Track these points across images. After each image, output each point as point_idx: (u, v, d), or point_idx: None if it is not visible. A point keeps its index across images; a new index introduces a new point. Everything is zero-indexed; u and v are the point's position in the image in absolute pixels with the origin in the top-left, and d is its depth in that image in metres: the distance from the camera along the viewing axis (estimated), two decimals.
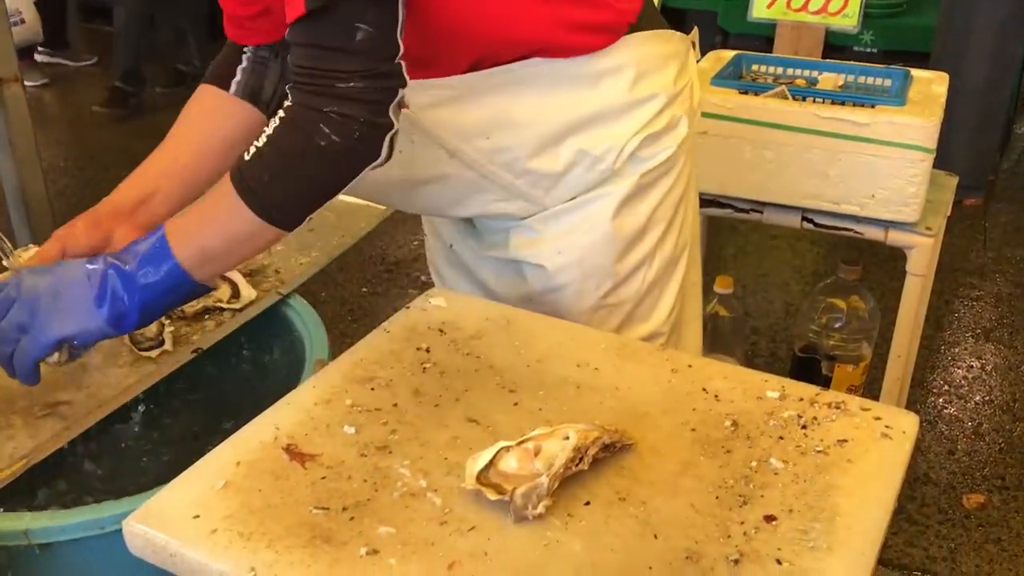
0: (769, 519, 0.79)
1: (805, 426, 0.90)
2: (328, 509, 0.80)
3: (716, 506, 0.80)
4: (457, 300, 1.11)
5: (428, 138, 1.08)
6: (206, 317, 1.26)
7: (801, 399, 0.93)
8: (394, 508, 0.80)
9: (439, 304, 1.09)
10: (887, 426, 0.89)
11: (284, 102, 0.91)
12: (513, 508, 0.78)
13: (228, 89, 1.17)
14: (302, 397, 0.94)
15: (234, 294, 1.28)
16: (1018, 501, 2.21)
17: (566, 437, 0.83)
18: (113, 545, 0.87)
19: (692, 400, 0.94)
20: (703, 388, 0.95)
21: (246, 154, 0.92)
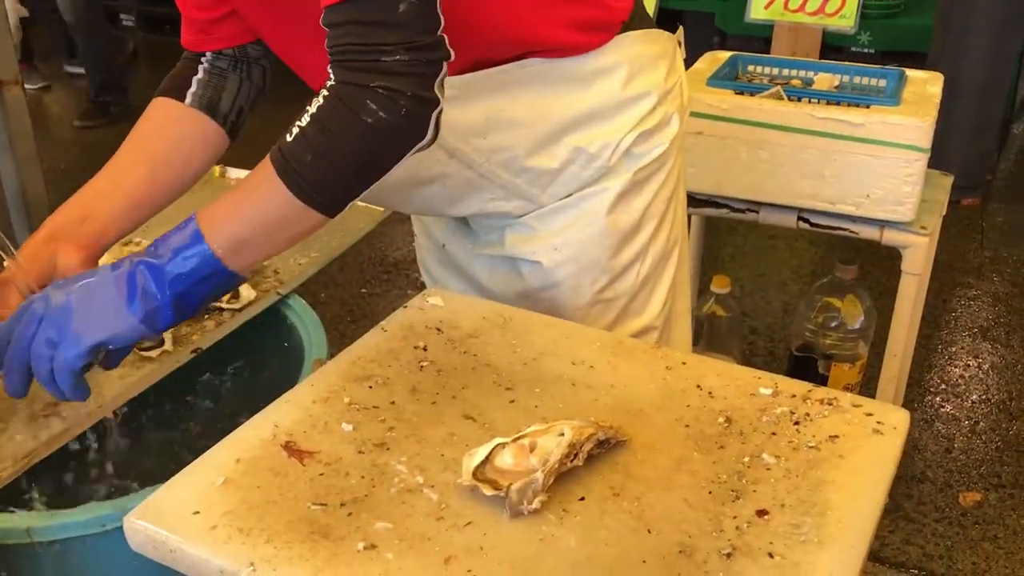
0: (761, 514, 0.80)
1: (797, 422, 0.91)
2: (326, 505, 0.81)
3: (709, 501, 0.81)
4: (454, 299, 1.12)
5: None
6: (206, 317, 1.27)
7: (793, 396, 0.94)
8: (391, 504, 0.81)
9: (436, 303, 1.10)
10: (878, 422, 0.90)
11: (327, 82, 0.88)
12: (509, 503, 0.79)
13: (183, 100, 1.15)
14: (301, 395, 0.95)
15: (234, 294, 1.29)
16: (1014, 499, 2.22)
17: (561, 433, 0.84)
18: (114, 543, 0.88)
19: (686, 397, 0.95)
20: (697, 385, 0.96)
21: (288, 135, 0.89)
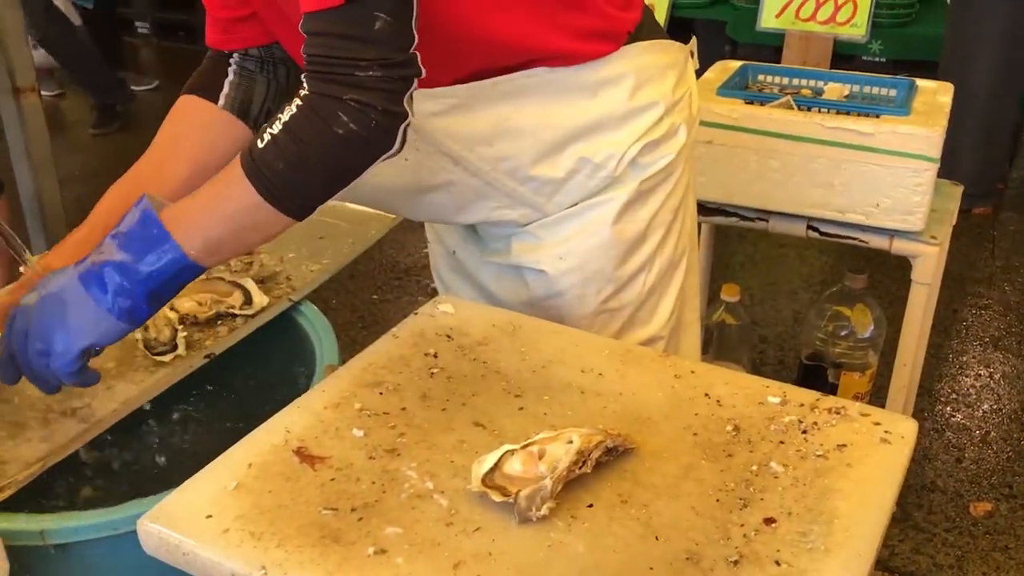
0: (768, 521, 0.80)
1: (805, 431, 0.91)
2: (337, 510, 0.82)
3: (717, 509, 0.82)
4: (464, 307, 1.13)
5: (433, 146, 1.10)
6: (219, 323, 1.28)
7: (802, 404, 0.95)
8: (401, 509, 0.82)
9: (447, 310, 1.11)
10: (886, 431, 0.90)
11: (299, 91, 0.91)
12: (517, 510, 0.80)
13: (216, 102, 1.17)
14: (312, 401, 0.96)
15: (246, 300, 1.30)
16: None
17: (570, 441, 0.85)
18: (127, 546, 0.89)
19: (694, 405, 0.95)
20: (705, 393, 0.97)
21: (259, 142, 0.91)
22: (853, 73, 2.09)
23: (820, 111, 1.90)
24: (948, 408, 2.57)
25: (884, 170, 1.80)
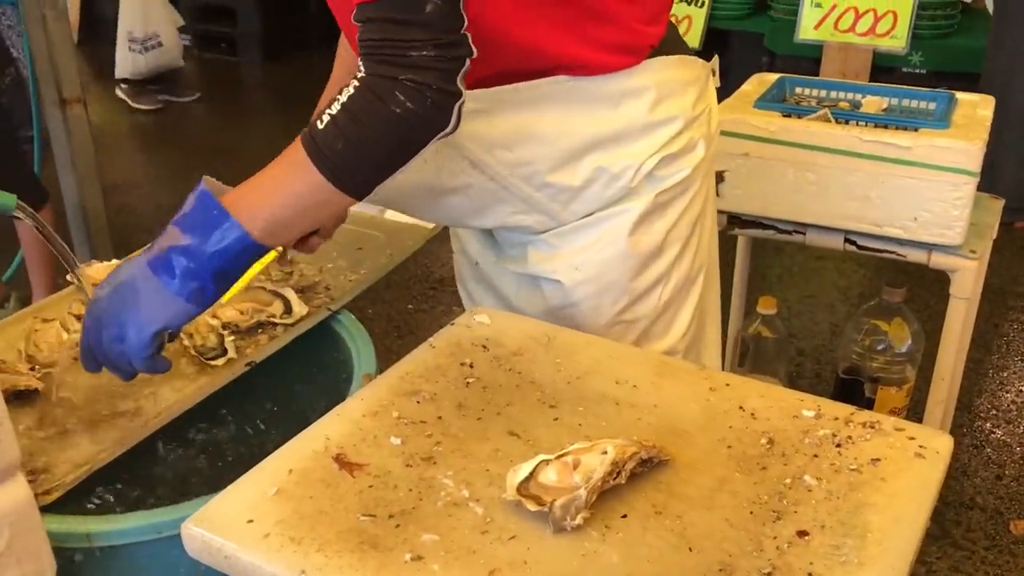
0: (802, 534, 0.81)
1: (839, 445, 0.91)
2: (375, 516, 0.83)
3: (750, 521, 0.82)
4: (500, 317, 1.15)
5: (453, 148, 1.12)
6: (259, 332, 1.31)
7: (836, 418, 0.95)
8: (438, 517, 0.83)
9: (483, 321, 1.13)
10: (921, 446, 0.90)
11: (356, 73, 0.94)
12: (552, 519, 0.81)
13: None
14: (351, 409, 0.98)
15: (286, 310, 1.32)
16: None
17: (604, 451, 0.86)
18: (169, 549, 0.91)
19: (729, 418, 0.96)
20: (740, 406, 0.97)
21: (319, 122, 0.94)
22: (891, 86, 2.08)
23: (858, 124, 1.89)
24: (988, 424, 2.54)
25: (922, 184, 1.79)
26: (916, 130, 1.82)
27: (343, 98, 0.93)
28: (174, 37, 4.95)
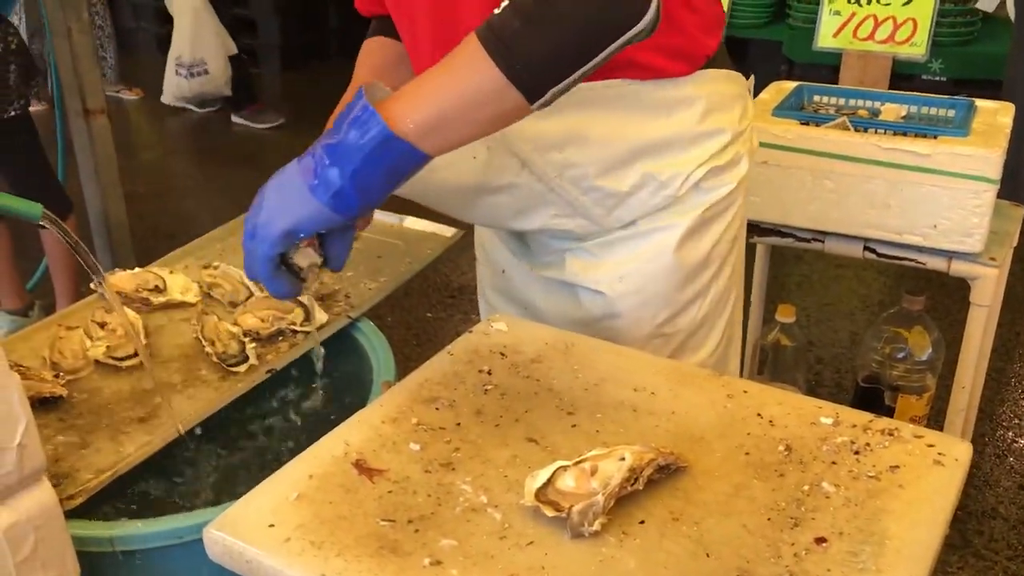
0: (820, 541, 0.81)
1: (858, 452, 0.91)
2: (394, 521, 0.84)
3: (768, 527, 0.83)
4: (518, 325, 1.15)
5: (503, 146, 1.11)
6: (280, 339, 1.32)
7: (854, 425, 0.95)
8: (456, 522, 0.84)
9: (501, 328, 1.13)
10: (940, 453, 0.90)
11: None
12: (570, 525, 0.81)
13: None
14: (370, 415, 0.99)
15: (307, 317, 1.34)
16: None
17: (622, 458, 0.86)
18: (192, 553, 0.92)
19: (747, 425, 0.96)
20: (758, 413, 0.98)
21: (496, 10, 0.85)
22: (910, 94, 2.07)
23: (876, 132, 1.89)
24: (1010, 433, 2.52)
25: (942, 191, 1.79)
26: (935, 137, 1.82)
27: None
28: (222, 65, 4.87)
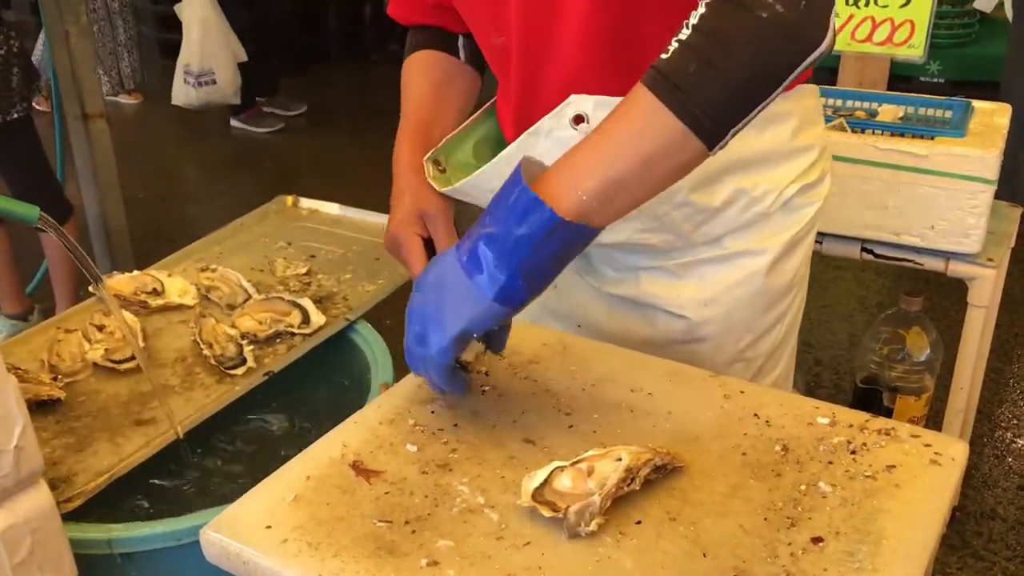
0: (816, 541, 0.81)
1: (854, 451, 0.91)
2: (391, 523, 0.84)
3: (764, 527, 0.83)
4: (515, 326, 1.15)
5: None
6: (277, 341, 1.32)
7: (851, 425, 0.95)
8: (453, 523, 0.84)
9: None
10: (936, 452, 0.90)
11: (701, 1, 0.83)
12: (567, 525, 0.81)
13: (456, 55, 1.16)
14: (368, 417, 0.99)
15: (304, 320, 1.34)
16: None
17: (619, 458, 0.87)
18: (189, 555, 0.93)
19: (743, 425, 0.96)
20: (754, 414, 0.98)
21: (663, 54, 0.81)
22: (907, 95, 2.08)
23: (874, 133, 1.89)
24: (1009, 434, 2.52)
25: (939, 192, 1.79)
26: (932, 138, 1.82)
27: (693, 20, 0.81)
28: (230, 75, 4.84)
